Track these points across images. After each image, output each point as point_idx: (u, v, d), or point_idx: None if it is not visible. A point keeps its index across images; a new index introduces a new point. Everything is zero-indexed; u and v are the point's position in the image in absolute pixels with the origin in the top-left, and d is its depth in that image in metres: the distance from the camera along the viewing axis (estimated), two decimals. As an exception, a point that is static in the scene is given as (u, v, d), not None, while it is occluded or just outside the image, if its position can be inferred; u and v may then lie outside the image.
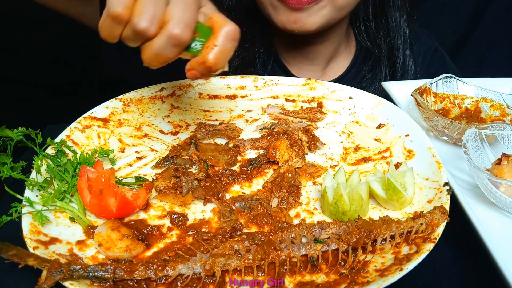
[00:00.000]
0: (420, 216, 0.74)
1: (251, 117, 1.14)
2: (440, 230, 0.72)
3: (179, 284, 0.67)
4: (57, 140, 0.91)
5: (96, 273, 0.65)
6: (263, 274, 0.70)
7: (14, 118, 2.07)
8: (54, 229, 0.76)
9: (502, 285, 0.66)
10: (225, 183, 0.91)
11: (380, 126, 1.06)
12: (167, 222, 0.81)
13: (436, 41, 1.57)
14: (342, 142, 1.04)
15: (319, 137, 1.03)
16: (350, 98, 1.14)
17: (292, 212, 0.84)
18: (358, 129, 1.07)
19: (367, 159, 0.98)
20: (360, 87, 1.34)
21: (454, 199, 0.81)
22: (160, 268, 0.67)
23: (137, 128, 1.06)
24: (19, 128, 0.84)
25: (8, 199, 0.79)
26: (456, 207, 0.80)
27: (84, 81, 2.11)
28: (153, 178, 0.92)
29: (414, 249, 0.71)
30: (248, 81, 1.20)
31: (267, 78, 1.20)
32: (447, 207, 0.76)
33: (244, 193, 0.89)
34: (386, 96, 1.18)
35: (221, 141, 1.05)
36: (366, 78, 1.44)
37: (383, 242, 0.73)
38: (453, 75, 1.14)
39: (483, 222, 0.75)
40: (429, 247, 0.69)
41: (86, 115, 1.02)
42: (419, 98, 1.05)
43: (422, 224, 0.73)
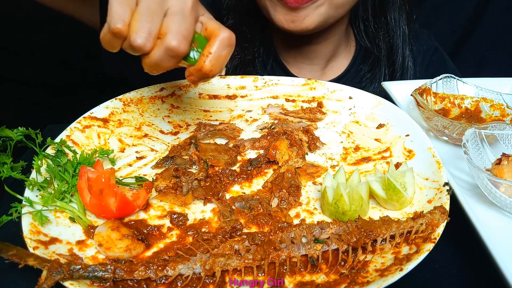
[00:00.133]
0: (420, 216, 0.74)
1: (251, 117, 1.14)
2: (440, 230, 0.72)
3: (179, 284, 0.67)
4: (57, 140, 0.91)
5: (96, 273, 0.65)
6: (263, 274, 0.70)
7: (14, 118, 2.07)
8: (54, 229, 0.76)
9: (502, 285, 0.66)
10: (225, 183, 0.91)
11: (380, 126, 1.06)
12: (167, 222, 0.81)
13: (436, 41, 1.57)
14: (342, 142, 1.04)
15: (319, 137, 1.03)
16: (350, 98, 1.14)
17: (292, 212, 0.84)
18: (358, 129, 1.07)
19: (367, 159, 0.98)
20: (359, 86, 1.34)
21: (454, 199, 0.81)
22: (160, 268, 0.67)
23: (137, 128, 1.06)
24: (19, 128, 0.84)
25: (8, 199, 0.79)
26: (456, 207, 0.80)
27: (84, 81, 2.11)
28: (153, 178, 0.92)
29: (414, 249, 0.71)
30: (248, 81, 1.20)
31: (267, 78, 1.20)
32: (447, 207, 0.76)
33: (244, 193, 0.89)
34: (386, 96, 1.18)
35: (221, 141, 1.05)
36: (365, 77, 1.44)
37: (383, 242, 0.73)
38: (453, 75, 1.14)
39: (483, 222, 0.75)
40: (429, 247, 0.69)
41: (86, 115, 1.02)
42: (419, 98, 1.05)
43: (422, 224, 0.73)
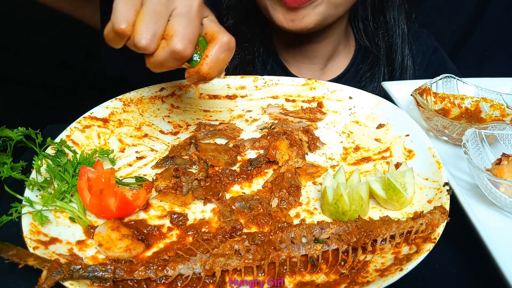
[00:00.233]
0: (420, 216, 0.74)
1: (251, 117, 1.14)
2: (440, 230, 0.72)
3: (179, 284, 0.67)
4: (57, 140, 0.91)
5: (96, 273, 0.65)
6: (263, 274, 0.70)
7: (14, 118, 2.07)
8: (54, 229, 0.76)
9: (502, 285, 0.66)
10: (225, 183, 0.91)
11: (380, 126, 1.06)
12: (167, 222, 0.81)
13: (435, 41, 1.57)
14: (342, 142, 1.04)
15: (319, 137, 1.03)
16: (350, 98, 1.14)
17: (292, 212, 0.84)
18: (358, 129, 1.07)
19: (367, 159, 0.98)
20: (359, 86, 1.34)
21: (454, 199, 0.81)
22: (160, 268, 0.67)
23: (137, 128, 1.06)
24: (19, 128, 0.84)
25: (8, 199, 0.79)
26: (456, 207, 0.80)
27: (84, 81, 2.11)
28: (153, 178, 0.92)
29: (414, 249, 0.71)
30: (248, 81, 1.20)
31: (267, 78, 1.20)
32: (447, 207, 0.76)
33: (244, 193, 0.89)
34: (386, 96, 1.18)
35: (221, 141, 1.05)
36: (365, 77, 1.44)
37: (383, 242, 0.73)
38: (453, 75, 1.14)
39: (483, 222, 0.75)
40: (429, 247, 0.69)
41: (86, 115, 1.02)
42: (419, 98, 1.05)
43: (422, 224, 0.73)
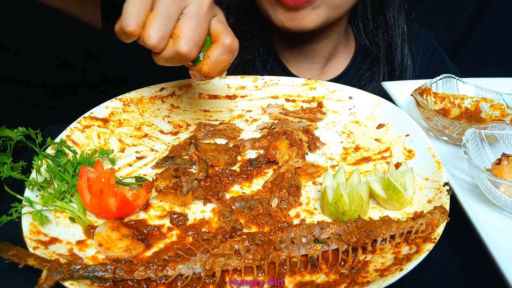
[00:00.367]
0: (420, 216, 0.74)
1: (251, 117, 1.14)
2: (440, 230, 0.72)
3: (179, 284, 0.67)
4: (57, 140, 0.91)
5: (96, 273, 0.65)
6: (263, 274, 0.70)
7: (14, 118, 2.07)
8: (54, 229, 0.76)
9: (502, 285, 0.66)
10: (225, 183, 0.91)
11: (380, 126, 1.06)
12: (167, 222, 0.81)
13: (435, 41, 1.57)
14: (342, 142, 1.04)
15: (319, 137, 1.03)
16: (350, 98, 1.14)
17: (292, 212, 0.84)
18: (358, 129, 1.07)
19: (367, 159, 0.98)
20: (359, 85, 1.34)
21: (454, 199, 0.81)
22: (160, 268, 0.67)
23: (137, 128, 1.06)
24: (19, 128, 0.84)
25: (8, 199, 0.78)
26: (456, 207, 0.80)
27: (84, 81, 2.11)
28: (153, 178, 0.92)
29: (414, 249, 0.71)
30: (248, 81, 1.20)
31: (267, 78, 1.20)
32: (447, 207, 0.76)
33: (244, 193, 0.89)
34: (386, 96, 1.18)
35: (221, 141, 1.05)
36: (364, 76, 1.44)
37: (383, 242, 0.73)
38: (453, 75, 1.14)
39: (483, 222, 0.75)
40: (429, 247, 0.69)
41: (86, 115, 1.02)
42: (419, 98, 1.05)
43: (422, 224, 0.73)
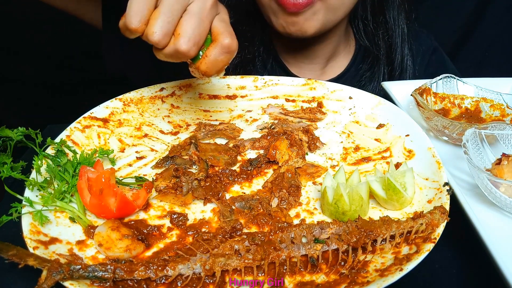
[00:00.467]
0: (420, 216, 0.74)
1: (251, 117, 1.14)
2: (440, 230, 0.72)
3: (179, 284, 0.67)
4: (57, 140, 0.91)
5: (96, 273, 0.65)
6: (263, 274, 0.70)
7: (14, 118, 2.07)
8: (54, 229, 0.76)
9: (502, 285, 0.66)
10: (225, 183, 0.91)
11: (380, 126, 1.06)
12: (167, 222, 0.81)
13: (435, 41, 1.57)
14: (342, 142, 1.04)
15: (319, 137, 1.03)
16: (350, 98, 1.14)
17: (292, 212, 0.84)
18: (358, 129, 1.07)
19: (367, 159, 0.98)
20: (359, 85, 1.34)
21: (454, 199, 0.81)
22: (160, 268, 0.67)
23: (137, 128, 1.06)
24: (19, 128, 0.84)
25: (8, 199, 0.78)
26: (456, 207, 0.80)
27: (84, 81, 2.11)
28: (153, 178, 0.92)
29: (414, 249, 0.71)
30: (248, 81, 1.20)
31: (267, 78, 1.20)
32: (447, 207, 0.76)
33: (244, 193, 0.89)
34: (386, 96, 1.18)
35: (221, 141, 1.05)
36: (364, 76, 1.44)
37: (383, 242, 0.73)
38: (453, 75, 1.14)
39: (483, 222, 0.75)
40: (429, 247, 0.69)
41: (86, 115, 1.02)
42: (419, 98, 1.05)
43: (422, 224, 0.73)
